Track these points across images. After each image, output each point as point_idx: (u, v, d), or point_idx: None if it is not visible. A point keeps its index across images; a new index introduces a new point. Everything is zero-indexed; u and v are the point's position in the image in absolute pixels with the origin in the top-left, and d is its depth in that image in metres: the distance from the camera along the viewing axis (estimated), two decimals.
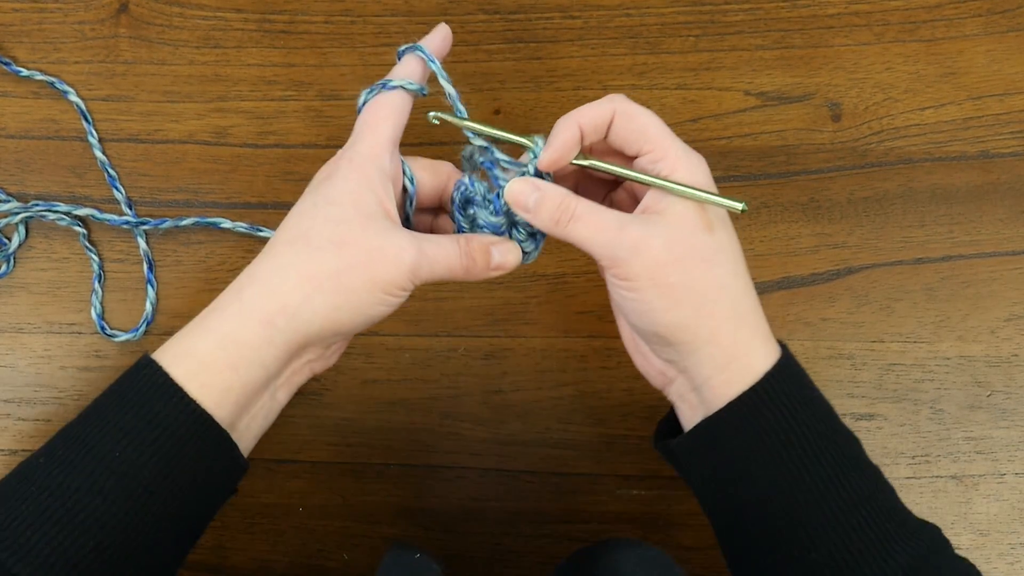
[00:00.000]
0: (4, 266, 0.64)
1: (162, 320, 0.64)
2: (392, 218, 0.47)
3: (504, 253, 0.49)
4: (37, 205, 0.64)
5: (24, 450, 0.63)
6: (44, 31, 0.67)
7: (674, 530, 0.63)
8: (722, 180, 0.65)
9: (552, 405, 0.64)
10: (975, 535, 0.63)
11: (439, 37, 0.51)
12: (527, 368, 0.64)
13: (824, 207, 0.66)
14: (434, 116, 0.49)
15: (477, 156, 0.49)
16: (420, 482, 0.63)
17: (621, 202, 0.51)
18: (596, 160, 0.48)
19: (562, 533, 0.63)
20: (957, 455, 0.63)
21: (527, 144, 0.48)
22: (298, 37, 0.67)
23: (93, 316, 0.63)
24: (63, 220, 0.64)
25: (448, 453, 0.63)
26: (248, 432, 0.47)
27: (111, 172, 0.65)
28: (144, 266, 0.64)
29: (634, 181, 0.47)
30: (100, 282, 0.64)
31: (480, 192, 0.49)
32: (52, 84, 0.66)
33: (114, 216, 0.64)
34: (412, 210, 0.50)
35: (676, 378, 0.49)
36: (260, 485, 0.62)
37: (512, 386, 0.64)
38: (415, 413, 0.63)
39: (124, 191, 0.65)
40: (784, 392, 0.45)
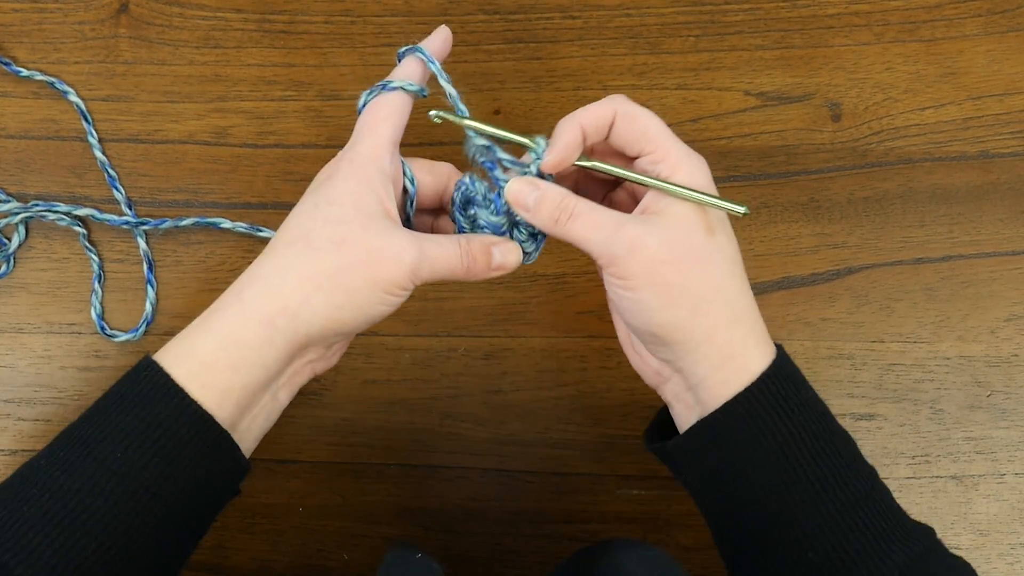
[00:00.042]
0: (4, 266, 0.64)
1: (162, 320, 0.64)
2: (393, 218, 0.47)
3: (505, 253, 0.49)
4: (37, 205, 0.64)
5: (24, 450, 0.63)
6: (44, 31, 0.67)
7: (674, 530, 0.63)
8: (722, 180, 0.65)
9: (552, 405, 0.64)
10: (975, 535, 0.63)
11: (439, 39, 0.51)
12: (527, 368, 0.64)
13: (824, 207, 0.66)
14: (436, 115, 0.49)
15: (478, 156, 0.49)
16: (420, 482, 0.63)
17: (621, 202, 0.51)
18: (598, 161, 0.48)
19: (562, 533, 0.63)
20: (957, 455, 0.63)
21: (529, 144, 0.48)
22: (298, 37, 0.67)
23: (93, 316, 0.63)
24: (63, 220, 0.64)
25: (448, 453, 0.63)
26: (249, 433, 0.47)
27: (111, 172, 0.65)
28: (144, 266, 0.64)
29: (636, 183, 0.47)
30: (100, 282, 0.64)
31: (481, 192, 0.49)
32: (52, 84, 0.66)
33: (114, 216, 0.64)
34: (412, 211, 0.50)
35: (671, 377, 0.49)
36: (260, 485, 0.62)
37: (512, 386, 0.64)
38: (415, 413, 0.63)
39: (124, 191, 0.65)
40: (780, 392, 0.45)
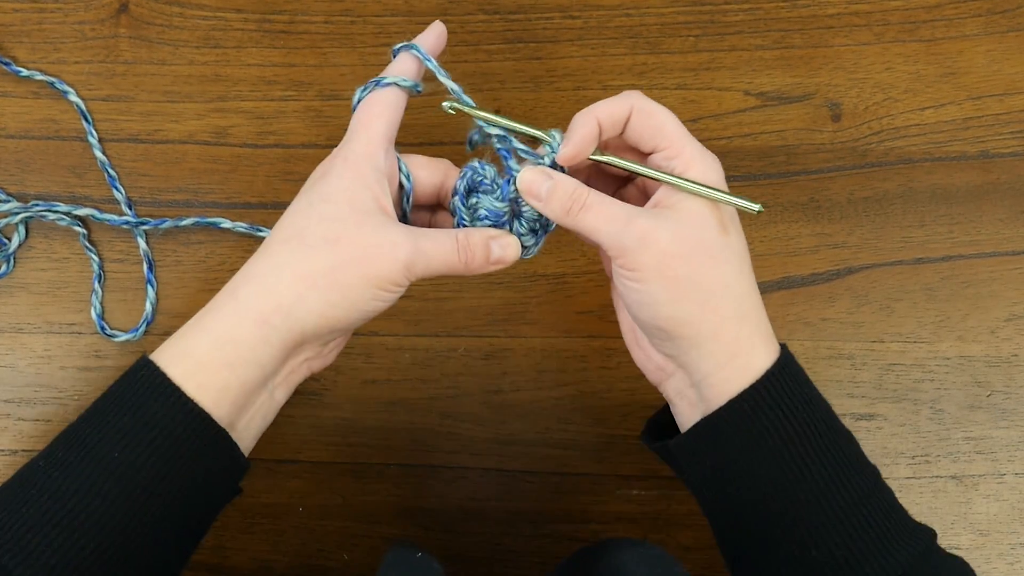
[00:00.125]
0: (4, 266, 0.64)
1: (162, 320, 0.64)
2: (388, 214, 0.46)
3: (504, 247, 0.48)
4: (37, 205, 0.64)
5: (24, 450, 0.63)
6: (44, 31, 0.67)
7: (674, 530, 0.63)
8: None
9: (552, 405, 0.64)
10: (975, 535, 0.63)
11: (434, 35, 0.51)
12: (527, 368, 0.64)
13: (824, 207, 0.66)
14: (448, 106, 0.49)
15: (495, 143, 0.49)
16: (420, 482, 0.63)
17: (631, 199, 0.51)
18: (612, 156, 0.48)
19: (562, 533, 0.63)
20: (957, 455, 0.63)
21: (543, 137, 0.48)
22: (298, 37, 0.67)
23: (93, 316, 0.63)
24: (63, 220, 0.64)
25: (448, 453, 0.63)
26: (248, 432, 0.47)
27: (111, 172, 0.65)
28: (144, 266, 0.64)
29: (650, 178, 0.47)
30: (100, 282, 0.64)
31: (490, 176, 0.49)
32: (52, 84, 0.66)
33: (114, 216, 0.64)
34: (409, 207, 0.50)
35: (674, 373, 0.49)
36: (260, 485, 0.62)
37: (512, 386, 0.64)
38: (415, 413, 0.63)
39: (124, 191, 0.65)
40: (785, 391, 0.45)
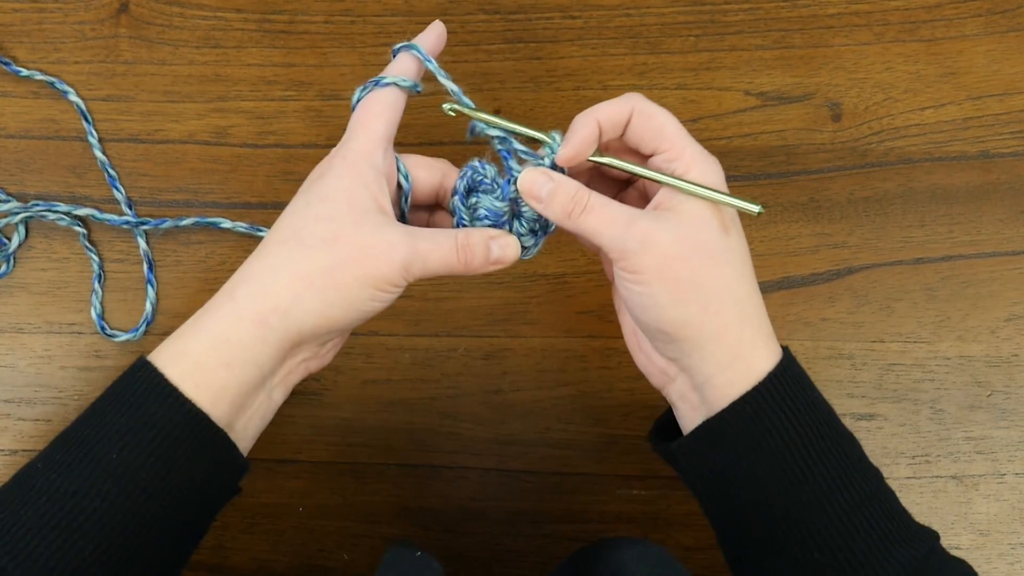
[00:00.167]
0: (4, 266, 0.64)
1: (162, 320, 0.64)
2: (387, 214, 0.46)
3: (503, 247, 0.48)
4: (37, 205, 0.64)
5: (24, 450, 0.63)
6: (44, 31, 0.67)
7: (674, 530, 0.63)
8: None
9: (552, 405, 0.64)
10: (975, 535, 0.63)
11: (433, 35, 0.51)
12: (527, 368, 0.64)
13: (824, 207, 0.66)
14: (449, 108, 0.49)
15: (495, 144, 0.49)
16: (420, 482, 0.63)
17: (632, 202, 0.51)
18: (612, 157, 0.48)
19: (562, 533, 0.63)
20: (957, 455, 0.63)
21: (543, 139, 0.48)
22: (298, 37, 0.67)
23: (93, 316, 0.63)
24: (63, 220, 0.64)
25: (448, 453, 0.63)
26: (246, 432, 0.47)
27: (111, 172, 0.65)
28: (144, 266, 0.64)
29: (650, 179, 0.47)
30: (100, 282, 0.64)
31: (490, 175, 0.48)
32: (52, 84, 0.66)
33: (114, 216, 0.64)
34: (407, 207, 0.50)
35: (677, 376, 0.49)
36: (260, 485, 0.62)
37: (512, 386, 0.64)
38: (415, 413, 0.63)
39: (124, 191, 0.65)
40: (787, 393, 0.45)
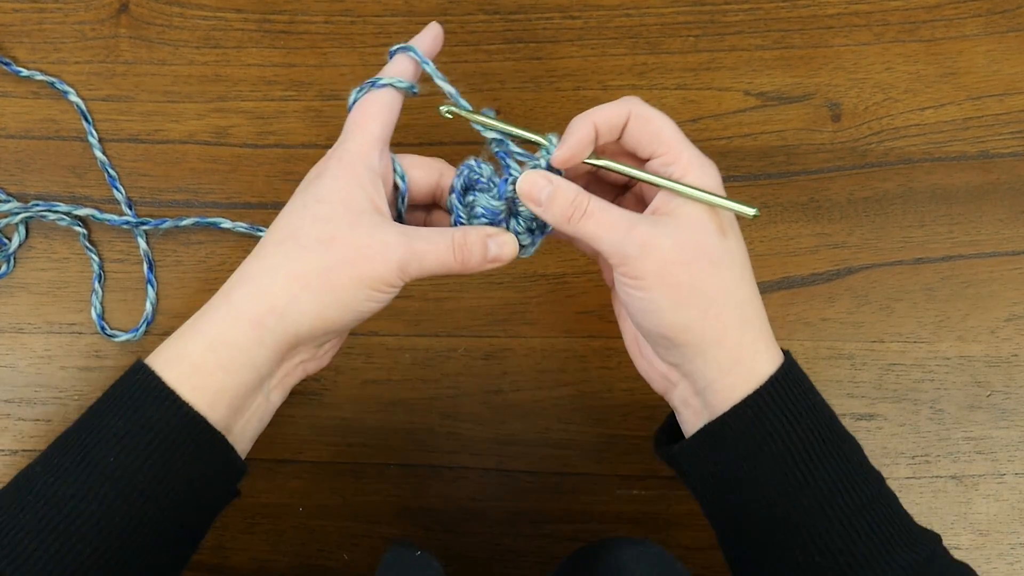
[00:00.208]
0: (4, 266, 0.64)
1: (162, 320, 0.64)
2: (383, 214, 0.46)
3: (501, 245, 0.48)
4: (37, 205, 0.64)
5: (24, 450, 0.63)
6: (44, 31, 0.67)
7: (674, 530, 0.63)
8: (722, 180, 0.65)
9: (552, 405, 0.64)
10: (975, 535, 0.63)
11: (430, 36, 0.50)
12: (527, 368, 0.64)
13: (824, 207, 0.66)
14: (446, 110, 0.49)
15: (492, 146, 0.49)
16: (420, 482, 0.63)
17: (629, 208, 0.51)
18: (609, 160, 0.48)
19: (562, 533, 0.63)
20: (957, 455, 0.63)
21: (540, 141, 0.47)
22: (298, 37, 0.67)
23: (93, 316, 0.63)
24: (63, 220, 0.64)
25: (448, 453, 0.63)
26: (244, 434, 0.47)
27: (111, 172, 0.65)
28: (144, 266, 0.64)
29: (647, 183, 0.47)
30: (100, 282, 0.64)
31: (486, 174, 0.48)
32: (52, 84, 0.66)
33: (114, 216, 0.64)
34: (404, 207, 0.50)
35: (679, 382, 0.49)
36: (260, 485, 0.62)
37: (512, 386, 0.64)
38: (415, 413, 0.63)
39: (124, 191, 0.65)
40: (789, 396, 0.45)
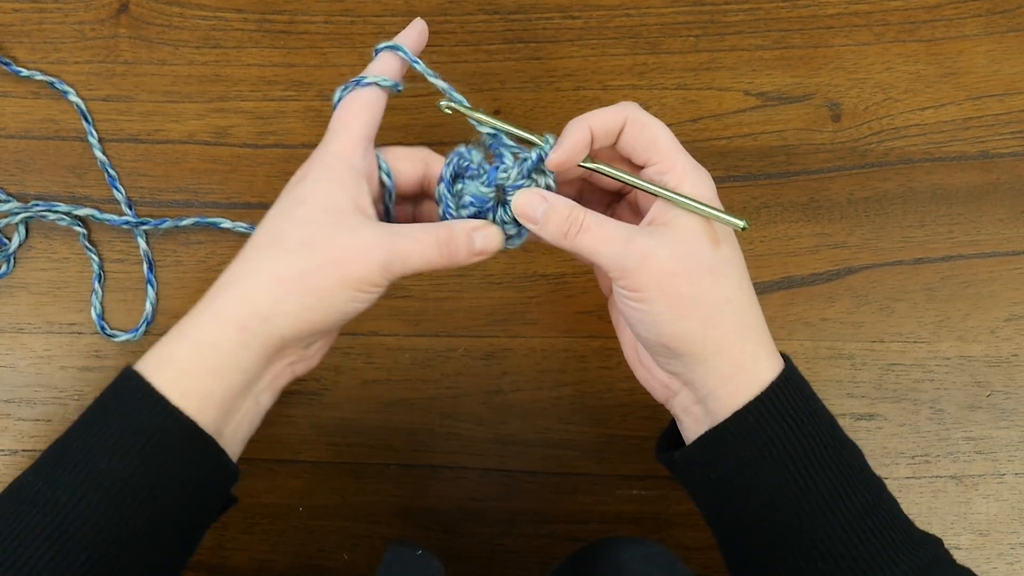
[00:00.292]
0: (4, 266, 0.64)
1: (162, 320, 0.64)
2: (367, 215, 0.46)
3: (486, 238, 0.48)
4: (37, 205, 0.64)
5: (24, 450, 0.63)
6: (44, 31, 0.67)
7: (674, 530, 0.63)
8: (722, 180, 0.65)
9: (552, 405, 0.64)
10: (975, 535, 0.63)
11: (414, 32, 0.50)
12: (527, 368, 0.64)
13: (824, 207, 0.66)
14: (445, 105, 0.49)
15: (487, 140, 0.49)
16: (420, 482, 0.63)
17: (623, 216, 0.51)
18: (603, 165, 0.48)
19: (562, 533, 0.63)
20: (957, 455, 0.63)
21: (536, 141, 0.48)
22: (298, 37, 0.67)
23: (93, 316, 0.63)
24: (63, 220, 0.64)
25: (448, 453, 0.63)
26: (235, 438, 0.47)
27: (111, 172, 0.65)
28: (144, 266, 0.64)
29: (639, 189, 0.47)
30: (100, 282, 0.64)
31: (476, 161, 0.48)
32: (52, 84, 0.66)
33: (114, 216, 0.64)
34: (392, 203, 0.50)
35: (680, 391, 0.49)
36: (260, 485, 0.62)
37: (512, 386, 0.64)
38: (415, 413, 0.63)
39: (124, 191, 0.65)
40: (789, 403, 0.45)
